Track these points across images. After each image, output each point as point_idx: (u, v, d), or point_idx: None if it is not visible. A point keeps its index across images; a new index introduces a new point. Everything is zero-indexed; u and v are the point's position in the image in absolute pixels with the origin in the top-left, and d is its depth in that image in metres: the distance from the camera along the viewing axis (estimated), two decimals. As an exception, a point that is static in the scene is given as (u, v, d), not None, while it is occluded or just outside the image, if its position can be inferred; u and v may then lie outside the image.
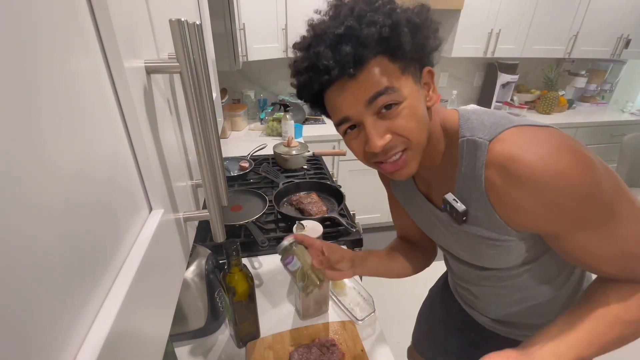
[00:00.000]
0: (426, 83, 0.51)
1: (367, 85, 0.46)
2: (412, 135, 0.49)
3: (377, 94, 0.46)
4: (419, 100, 0.49)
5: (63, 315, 0.18)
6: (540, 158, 0.43)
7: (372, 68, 0.46)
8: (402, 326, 1.80)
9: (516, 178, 0.45)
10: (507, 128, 0.48)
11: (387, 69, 0.46)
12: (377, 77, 0.46)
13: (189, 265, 0.74)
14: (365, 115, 0.48)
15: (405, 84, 0.47)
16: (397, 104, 0.47)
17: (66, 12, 0.20)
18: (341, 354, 0.73)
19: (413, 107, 0.48)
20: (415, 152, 0.51)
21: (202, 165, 0.36)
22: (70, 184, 0.19)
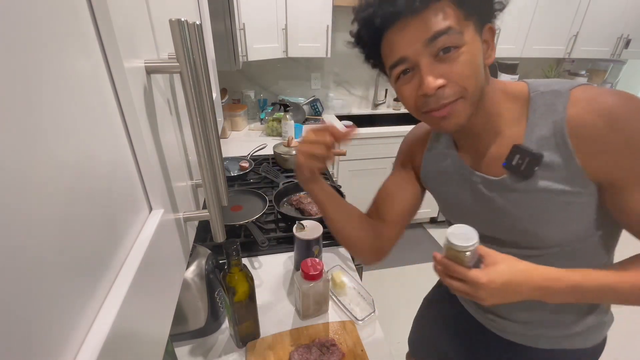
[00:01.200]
0: (485, 40, 0.50)
1: (430, 24, 0.46)
2: (467, 83, 0.48)
3: (439, 33, 0.46)
4: (478, 49, 0.49)
5: (63, 315, 0.18)
6: (622, 97, 0.47)
7: (436, 7, 0.46)
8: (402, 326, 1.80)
9: (603, 108, 0.46)
10: (579, 84, 0.50)
11: (451, 11, 0.46)
12: (441, 16, 0.46)
13: (189, 265, 0.74)
14: (422, 56, 0.47)
15: (467, 30, 0.47)
16: (457, 47, 0.47)
17: (66, 12, 0.20)
18: (341, 354, 0.73)
19: (472, 55, 0.48)
20: (468, 103, 0.50)
21: (202, 165, 0.36)
22: (70, 184, 0.19)
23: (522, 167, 0.53)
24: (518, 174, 0.54)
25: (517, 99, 0.54)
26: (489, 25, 0.50)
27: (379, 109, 2.69)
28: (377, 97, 2.64)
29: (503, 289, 0.49)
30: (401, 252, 2.41)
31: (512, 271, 0.50)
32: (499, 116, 0.55)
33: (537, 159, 0.51)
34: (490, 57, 0.52)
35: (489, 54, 0.51)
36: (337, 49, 2.42)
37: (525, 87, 0.54)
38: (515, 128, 0.54)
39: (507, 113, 0.54)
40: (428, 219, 2.74)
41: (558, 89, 0.51)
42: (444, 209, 0.72)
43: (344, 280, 0.92)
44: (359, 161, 2.25)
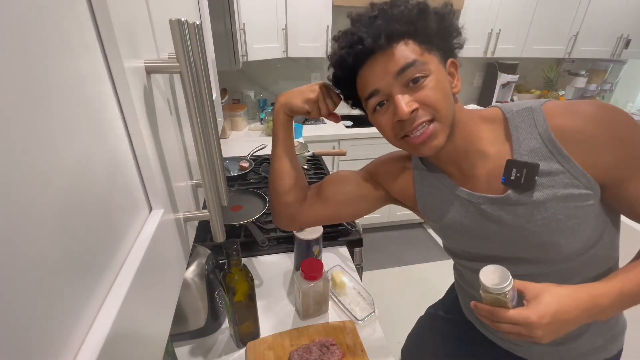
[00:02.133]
0: (450, 72, 0.55)
1: (397, 58, 0.51)
2: (438, 105, 0.52)
3: (406, 65, 0.50)
4: (444, 78, 0.53)
5: (63, 315, 0.18)
6: (591, 103, 0.51)
7: (401, 44, 0.51)
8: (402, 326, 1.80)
9: (583, 114, 0.50)
10: (545, 101, 0.54)
11: (415, 47, 0.51)
12: (407, 51, 0.51)
13: (189, 265, 0.74)
14: (394, 87, 0.52)
15: (432, 61, 0.52)
16: (425, 76, 0.51)
17: (66, 12, 0.20)
18: (341, 354, 0.73)
19: (439, 82, 0.52)
20: (443, 124, 0.53)
21: (202, 165, 0.36)
22: (70, 183, 0.19)
23: (522, 180, 0.53)
24: (520, 187, 0.54)
25: (493, 121, 0.57)
26: (451, 60, 0.55)
27: (379, 109, 2.69)
28: (377, 97, 2.63)
29: (555, 321, 0.47)
30: (401, 252, 2.41)
31: (558, 299, 0.48)
32: (478, 137, 0.57)
33: (535, 168, 0.52)
34: (457, 87, 0.56)
35: (455, 84, 0.55)
36: (337, 49, 2.41)
37: (498, 110, 0.58)
38: (499, 146, 0.56)
39: (486, 134, 0.57)
40: (428, 219, 2.74)
41: (530, 106, 0.54)
42: (452, 240, 0.67)
43: (344, 280, 0.92)
44: (359, 161, 2.25)
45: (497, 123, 0.57)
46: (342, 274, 0.94)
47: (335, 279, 0.92)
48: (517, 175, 0.53)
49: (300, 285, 0.79)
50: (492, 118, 0.57)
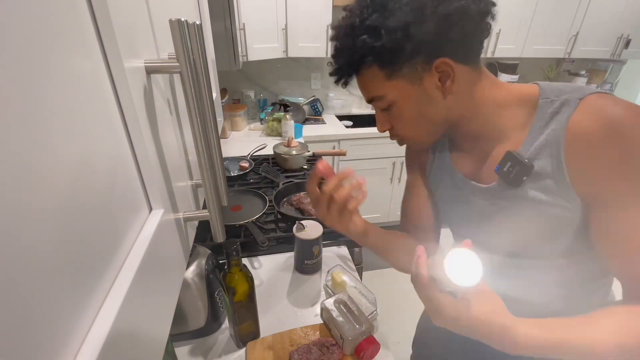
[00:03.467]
0: (442, 71, 0.51)
1: (363, 89, 0.56)
2: (403, 132, 0.58)
3: (369, 100, 0.56)
4: (411, 100, 0.53)
5: (63, 315, 0.18)
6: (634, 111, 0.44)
7: (362, 76, 0.54)
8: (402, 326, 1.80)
9: (607, 120, 0.44)
10: (592, 92, 0.48)
11: (374, 77, 0.52)
12: (367, 85, 0.55)
13: (189, 265, 0.74)
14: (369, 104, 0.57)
15: (392, 89, 0.53)
16: (388, 107, 0.55)
17: (66, 12, 0.20)
18: (341, 354, 0.73)
19: (402, 108, 0.54)
20: (414, 143, 0.59)
21: (202, 165, 0.36)
22: (70, 184, 0.19)
23: (511, 175, 0.53)
24: (507, 181, 0.54)
25: (525, 104, 0.53)
26: (441, 59, 0.49)
27: (379, 109, 2.69)
28: (377, 97, 2.64)
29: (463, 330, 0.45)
30: (401, 252, 2.40)
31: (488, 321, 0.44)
32: (495, 125, 0.55)
33: (527, 169, 0.51)
34: (448, 89, 0.52)
35: (447, 87, 0.52)
36: (337, 49, 2.42)
37: (537, 91, 0.53)
38: (518, 133, 0.54)
39: (508, 120, 0.54)
40: (428, 219, 2.74)
41: (568, 98, 0.49)
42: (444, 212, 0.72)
43: (345, 280, 0.92)
44: (359, 161, 2.26)
45: (527, 107, 0.53)
46: (343, 273, 0.93)
47: (336, 278, 0.92)
48: (510, 169, 0.53)
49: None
50: (525, 101, 0.53)
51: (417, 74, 0.51)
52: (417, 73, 0.51)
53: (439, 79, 0.51)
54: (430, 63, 0.50)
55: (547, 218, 0.53)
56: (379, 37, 0.48)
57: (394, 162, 2.32)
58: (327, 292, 0.92)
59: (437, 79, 0.51)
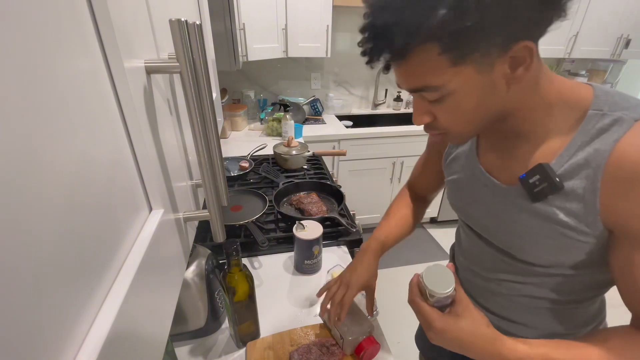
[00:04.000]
0: (518, 57, 0.41)
1: (407, 77, 0.45)
2: (451, 127, 0.49)
3: (417, 89, 0.46)
4: (474, 90, 0.44)
5: (63, 315, 0.18)
6: None
7: (413, 61, 0.42)
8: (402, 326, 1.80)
9: None
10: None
11: (433, 62, 0.41)
12: (417, 72, 0.43)
13: (189, 265, 0.74)
14: (413, 94, 0.48)
15: (455, 77, 0.42)
16: (440, 98, 0.45)
17: (66, 12, 0.20)
18: (341, 354, 0.73)
19: (460, 101, 0.45)
20: (457, 137, 0.51)
21: (202, 165, 0.36)
22: (70, 183, 0.19)
23: (535, 189, 0.49)
24: (530, 193, 0.50)
25: (574, 109, 0.47)
26: (524, 43, 0.40)
27: (379, 109, 2.69)
28: (377, 97, 2.64)
29: (451, 342, 0.50)
30: (401, 252, 2.40)
31: (472, 332, 0.49)
32: (542, 123, 0.49)
33: (555, 189, 0.47)
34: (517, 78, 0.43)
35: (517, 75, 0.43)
36: (337, 49, 2.42)
37: (590, 97, 0.47)
38: (555, 141, 0.49)
39: (554, 122, 0.48)
40: (428, 219, 2.74)
41: (622, 116, 0.43)
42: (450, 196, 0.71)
43: (344, 280, 0.92)
44: (359, 161, 2.25)
45: (574, 113, 0.47)
46: (342, 274, 0.93)
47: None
48: (536, 183, 0.49)
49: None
50: (574, 105, 0.47)
51: (490, 59, 0.41)
52: (490, 59, 0.41)
53: (509, 66, 0.42)
54: (507, 46, 0.40)
55: (555, 235, 0.50)
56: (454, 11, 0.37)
57: (394, 162, 2.32)
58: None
59: (507, 65, 0.42)
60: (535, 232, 0.52)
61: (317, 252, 0.95)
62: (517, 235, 0.55)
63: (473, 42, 0.39)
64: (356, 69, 2.53)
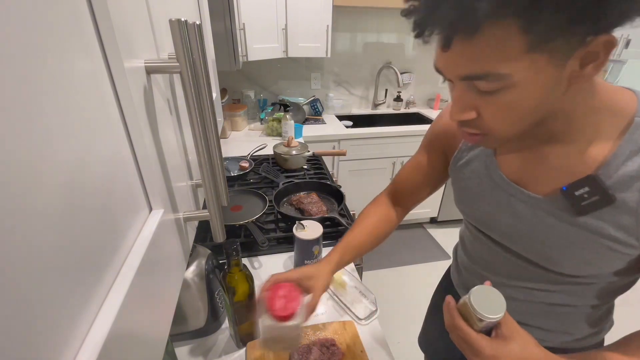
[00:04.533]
0: (592, 52, 0.35)
1: (469, 59, 0.36)
2: (496, 127, 0.42)
3: (473, 77, 0.38)
4: (541, 85, 0.37)
5: (63, 315, 0.18)
6: None
7: (487, 35, 0.34)
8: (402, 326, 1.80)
9: None
10: None
11: (505, 42, 0.34)
12: (483, 52, 0.35)
13: (189, 265, 0.74)
14: (456, 80, 0.40)
15: (524, 67, 0.35)
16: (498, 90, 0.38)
17: (66, 12, 0.20)
18: (341, 354, 0.73)
19: (520, 97, 0.38)
20: (495, 141, 0.45)
21: (202, 165, 0.36)
22: (70, 183, 0.19)
23: (582, 202, 0.45)
24: (575, 206, 0.46)
25: (617, 116, 0.43)
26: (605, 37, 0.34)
27: (379, 109, 2.69)
28: (377, 97, 2.64)
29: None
30: (401, 252, 2.41)
31: (523, 355, 0.44)
32: (585, 128, 0.44)
33: (607, 202, 0.43)
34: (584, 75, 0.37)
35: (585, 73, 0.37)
36: (337, 49, 2.42)
37: (634, 102, 0.43)
38: (597, 149, 0.44)
39: (596, 128, 0.44)
40: (428, 219, 2.74)
41: None
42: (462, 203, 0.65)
43: (345, 279, 0.92)
44: (358, 161, 2.25)
45: (619, 119, 0.43)
46: (343, 273, 0.94)
47: (336, 278, 0.92)
48: (584, 196, 0.44)
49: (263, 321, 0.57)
50: (619, 111, 0.43)
51: (569, 50, 0.35)
52: (569, 49, 0.35)
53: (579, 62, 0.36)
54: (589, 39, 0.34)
55: (601, 249, 0.46)
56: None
57: (394, 162, 2.32)
58: (327, 292, 0.92)
59: (578, 62, 0.36)
60: (575, 246, 0.48)
61: (317, 252, 0.95)
62: (553, 247, 0.51)
63: (560, 25, 0.32)
64: (356, 69, 2.53)
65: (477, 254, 0.68)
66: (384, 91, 2.67)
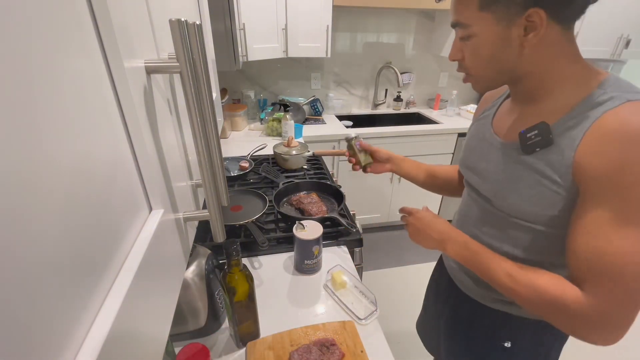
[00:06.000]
0: (531, 22, 0.50)
1: (453, 10, 0.57)
2: (472, 68, 0.59)
3: (453, 24, 0.57)
4: (491, 39, 0.54)
5: (63, 315, 0.18)
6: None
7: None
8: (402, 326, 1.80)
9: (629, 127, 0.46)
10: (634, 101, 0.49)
11: (469, 2, 0.53)
12: (458, 8, 0.55)
13: (189, 265, 0.74)
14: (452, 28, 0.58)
15: (479, 21, 0.53)
16: (467, 37, 0.56)
17: (66, 12, 0.20)
18: (341, 354, 0.73)
19: (479, 45, 0.55)
20: (477, 82, 0.61)
21: (202, 165, 0.36)
22: (71, 184, 0.19)
23: (528, 142, 0.57)
24: (523, 146, 0.58)
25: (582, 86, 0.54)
26: (534, 9, 0.49)
27: (379, 109, 2.69)
28: (377, 97, 2.64)
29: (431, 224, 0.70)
30: (401, 252, 2.40)
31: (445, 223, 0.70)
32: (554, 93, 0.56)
33: (546, 144, 0.55)
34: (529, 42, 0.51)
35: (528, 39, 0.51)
36: (337, 49, 2.42)
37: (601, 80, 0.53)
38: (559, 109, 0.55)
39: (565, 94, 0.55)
40: (428, 219, 2.74)
41: (617, 95, 0.50)
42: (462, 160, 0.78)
43: (345, 280, 0.92)
44: (359, 161, 2.25)
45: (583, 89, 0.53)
46: (343, 273, 0.94)
47: (336, 278, 0.92)
48: (532, 137, 0.56)
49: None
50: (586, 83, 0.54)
51: (509, 15, 0.51)
52: (509, 15, 0.51)
53: (524, 29, 0.51)
54: (525, 8, 0.49)
55: (537, 185, 0.57)
56: None
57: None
58: (327, 292, 0.92)
59: (522, 28, 0.51)
60: (516, 181, 0.60)
61: (317, 252, 0.95)
62: (501, 182, 0.63)
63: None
64: (356, 69, 2.53)
65: (462, 207, 0.80)
66: (384, 91, 2.67)
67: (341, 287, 0.92)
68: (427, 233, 0.70)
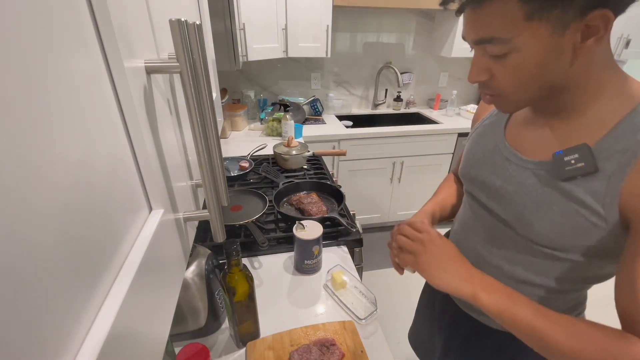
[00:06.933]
0: (592, 26, 0.41)
1: (478, 25, 0.45)
2: (506, 88, 0.48)
3: (482, 40, 0.45)
4: (542, 51, 0.43)
5: (63, 315, 0.18)
6: None
7: (492, 4, 0.42)
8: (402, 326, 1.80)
9: None
10: None
11: (508, 12, 0.42)
12: (489, 21, 0.43)
13: (189, 265, 0.74)
14: (473, 45, 0.48)
15: (526, 33, 0.42)
16: (505, 54, 0.45)
17: (66, 12, 0.20)
18: (341, 354, 0.73)
19: (524, 60, 0.44)
20: (508, 103, 0.51)
21: (202, 165, 0.36)
22: (70, 184, 0.19)
23: (567, 167, 0.48)
24: (560, 170, 0.49)
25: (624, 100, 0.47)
26: (601, 11, 0.40)
27: (379, 109, 2.69)
28: (377, 97, 2.64)
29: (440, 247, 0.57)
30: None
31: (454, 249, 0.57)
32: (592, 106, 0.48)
33: (590, 171, 0.46)
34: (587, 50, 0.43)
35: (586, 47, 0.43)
36: (337, 49, 2.42)
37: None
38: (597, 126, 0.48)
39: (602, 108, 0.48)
40: (428, 219, 2.74)
41: None
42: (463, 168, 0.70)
43: (345, 280, 0.92)
44: (359, 161, 2.25)
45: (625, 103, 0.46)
46: (343, 273, 0.94)
47: (336, 278, 0.92)
48: (571, 162, 0.48)
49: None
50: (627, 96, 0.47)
51: (565, 21, 0.41)
52: (565, 20, 0.41)
53: (581, 34, 0.42)
54: (586, 11, 0.40)
55: (574, 215, 0.49)
56: None
57: (394, 162, 2.32)
58: (327, 292, 0.92)
59: (579, 34, 0.42)
60: (547, 207, 0.51)
61: (317, 252, 0.95)
62: (527, 205, 0.54)
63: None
64: (356, 69, 2.53)
65: (463, 220, 0.72)
66: (384, 91, 2.67)
67: (341, 287, 0.92)
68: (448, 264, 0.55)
